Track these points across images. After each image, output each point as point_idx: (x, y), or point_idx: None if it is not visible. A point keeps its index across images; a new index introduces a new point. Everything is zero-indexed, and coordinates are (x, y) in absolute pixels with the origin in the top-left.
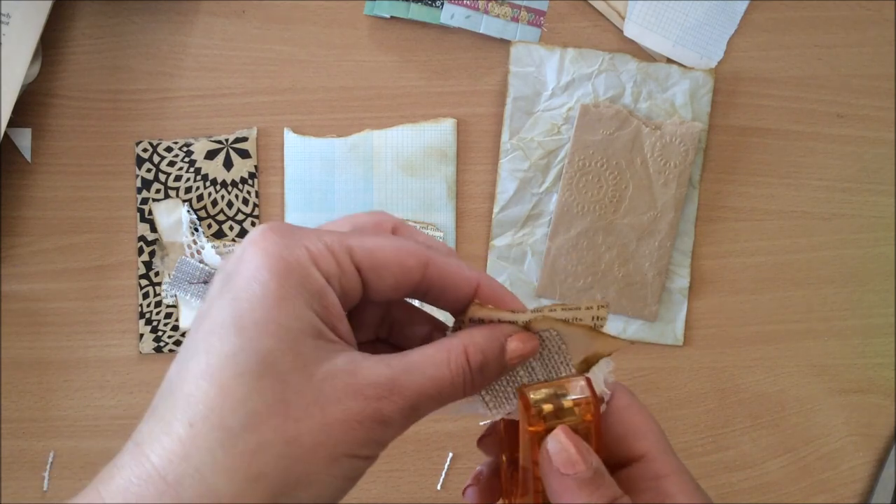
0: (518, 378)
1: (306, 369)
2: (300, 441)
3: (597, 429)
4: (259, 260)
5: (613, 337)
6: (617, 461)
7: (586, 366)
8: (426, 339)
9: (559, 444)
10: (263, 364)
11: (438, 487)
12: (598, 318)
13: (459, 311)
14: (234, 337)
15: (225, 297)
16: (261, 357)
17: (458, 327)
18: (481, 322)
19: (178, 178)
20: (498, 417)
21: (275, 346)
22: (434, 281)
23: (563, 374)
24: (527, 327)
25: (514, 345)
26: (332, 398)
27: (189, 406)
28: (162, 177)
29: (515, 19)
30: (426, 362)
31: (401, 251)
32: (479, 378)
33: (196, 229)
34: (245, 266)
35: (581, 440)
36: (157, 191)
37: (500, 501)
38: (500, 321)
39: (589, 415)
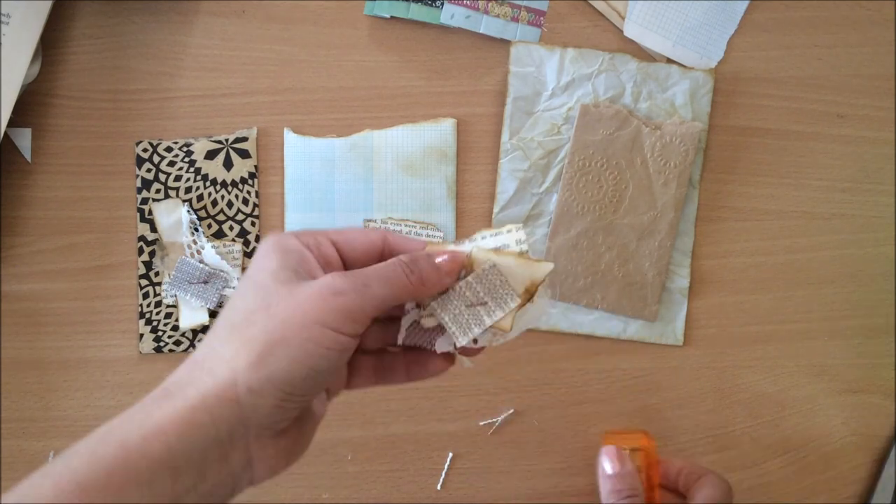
0: (467, 299)
1: (285, 285)
2: (278, 315)
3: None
4: (261, 245)
5: (540, 261)
6: None
7: (529, 295)
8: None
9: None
10: (254, 286)
11: (438, 487)
12: (519, 241)
13: None
14: (242, 282)
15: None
16: (253, 283)
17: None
18: None
19: (178, 178)
20: (465, 342)
21: (263, 276)
22: (392, 246)
23: (511, 303)
24: (470, 259)
25: (442, 257)
26: (301, 292)
27: (210, 329)
28: (162, 177)
29: (515, 19)
30: (371, 266)
31: (365, 230)
32: (416, 267)
33: (196, 229)
34: (256, 251)
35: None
36: (157, 191)
37: None
38: (448, 251)
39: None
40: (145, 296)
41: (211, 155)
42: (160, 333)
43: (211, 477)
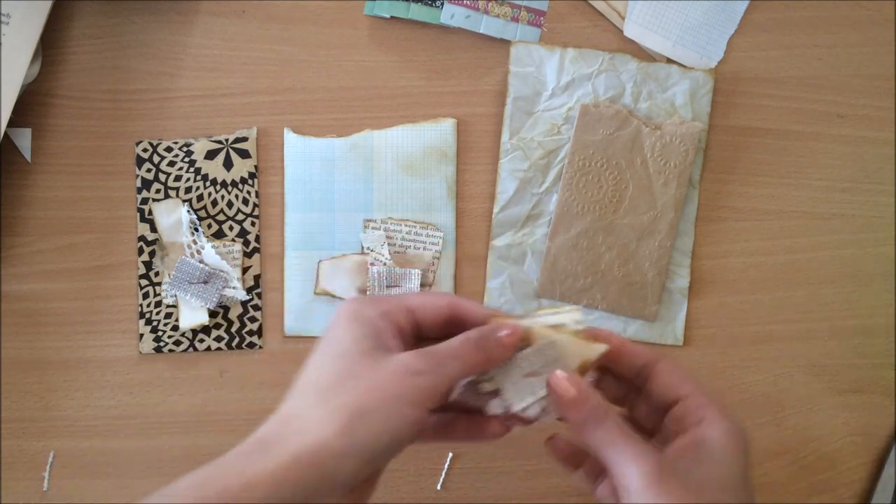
0: (524, 370)
1: (367, 355)
2: (365, 386)
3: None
4: (339, 312)
5: (593, 343)
6: (666, 404)
7: (581, 373)
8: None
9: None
10: (338, 354)
11: (438, 487)
12: (577, 321)
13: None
14: (321, 348)
15: (322, 337)
16: (336, 350)
17: None
18: None
19: (178, 178)
20: (519, 408)
21: (344, 345)
22: (459, 311)
23: None
24: (528, 334)
25: (504, 331)
26: (383, 367)
27: (295, 387)
28: (162, 177)
29: (515, 19)
30: (443, 343)
31: (435, 296)
32: (483, 343)
33: (196, 229)
34: (333, 318)
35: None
36: (157, 191)
37: None
38: (510, 325)
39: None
40: (145, 296)
41: (211, 155)
42: (160, 333)
43: None
